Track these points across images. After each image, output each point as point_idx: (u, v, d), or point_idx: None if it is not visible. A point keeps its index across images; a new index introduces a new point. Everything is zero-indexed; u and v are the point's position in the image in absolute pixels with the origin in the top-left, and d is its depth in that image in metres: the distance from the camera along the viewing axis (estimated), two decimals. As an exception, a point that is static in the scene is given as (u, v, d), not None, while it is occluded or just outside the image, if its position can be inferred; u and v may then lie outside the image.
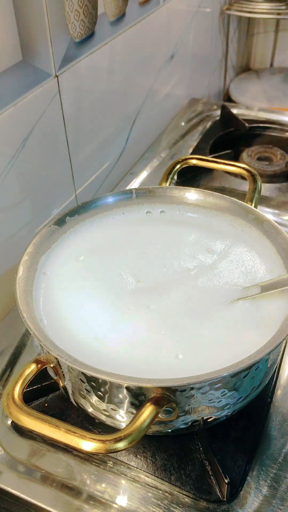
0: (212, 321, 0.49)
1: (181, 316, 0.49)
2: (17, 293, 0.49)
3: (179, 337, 0.48)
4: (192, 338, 0.48)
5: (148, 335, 0.48)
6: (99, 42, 0.74)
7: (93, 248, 0.57)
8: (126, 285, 0.53)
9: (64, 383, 0.47)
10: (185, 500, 0.48)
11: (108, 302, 0.51)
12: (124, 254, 0.57)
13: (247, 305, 0.50)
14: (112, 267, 0.55)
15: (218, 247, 0.57)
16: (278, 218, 0.82)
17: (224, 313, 0.50)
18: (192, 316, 0.49)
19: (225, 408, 0.47)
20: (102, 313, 0.50)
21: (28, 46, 0.61)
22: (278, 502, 0.47)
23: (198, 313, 0.50)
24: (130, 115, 0.92)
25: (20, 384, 0.42)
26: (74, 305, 0.51)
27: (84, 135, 0.78)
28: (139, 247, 0.58)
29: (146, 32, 0.88)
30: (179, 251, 0.57)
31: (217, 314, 0.50)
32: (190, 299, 0.51)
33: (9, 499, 0.50)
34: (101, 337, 0.48)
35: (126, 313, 0.50)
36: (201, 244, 0.58)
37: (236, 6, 1.30)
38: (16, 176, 0.64)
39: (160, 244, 0.58)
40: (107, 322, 0.49)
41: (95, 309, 0.50)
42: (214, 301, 0.51)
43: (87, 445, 0.37)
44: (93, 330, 0.48)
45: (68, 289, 0.52)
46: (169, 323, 0.49)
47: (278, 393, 0.57)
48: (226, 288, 0.52)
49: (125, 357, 0.46)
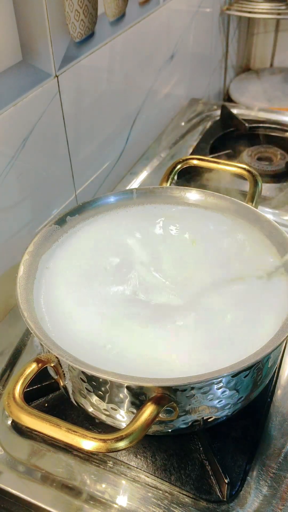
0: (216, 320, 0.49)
1: (182, 314, 0.49)
2: (18, 292, 0.49)
3: (180, 335, 0.48)
4: (192, 336, 0.48)
5: (150, 333, 0.48)
6: (99, 42, 0.74)
7: (94, 248, 0.57)
8: (127, 285, 0.53)
9: (65, 382, 0.47)
10: (185, 500, 0.48)
11: (109, 301, 0.51)
12: (124, 253, 0.57)
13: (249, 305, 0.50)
14: (113, 266, 0.55)
15: (218, 247, 0.57)
16: (278, 218, 0.82)
17: (227, 312, 0.50)
18: (193, 314, 0.49)
19: (226, 408, 0.47)
20: (103, 313, 0.50)
21: (28, 46, 0.61)
22: (278, 502, 0.47)
23: (199, 311, 0.50)
24: (130, 115, 0.92)
25: (20, 383, 0.42)
26: (74, 304, 0.51)
27: (84, 135, 0.78)
28: (139, 247, 0.58)
29: (146, 32, 0.88)
30: (179, 250, 0.57)
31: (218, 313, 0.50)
32: (189, 297, 0.51)
33: (9, 499, 0.50)
34: (102, 336, 0.48)
35: (127, 312, 0.50)
36: (201, 244, 0.58)
37: (236, 6, 1.30)
38: (16, 176, 0.64)
39: (161, 244, 0.58)
40: (108, 321, 0.49)
41: (96, 308, 0.50)
42: (215, 298, 0.51)
43: (88, 444, 0.37)
44: (93, 330, 0.48)
45: (69, 289, 0.52)
46: (170, 321, 0.49)
47: (278, 393, 0.57)
48: (227, 286, 0.52)
49: (127, 356, 0.46)
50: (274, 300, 0.50)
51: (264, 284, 0.52)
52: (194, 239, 0.58)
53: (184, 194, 0.62)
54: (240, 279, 0.53)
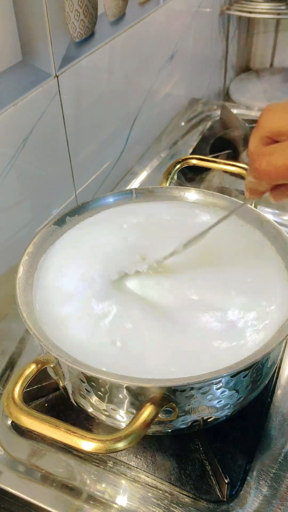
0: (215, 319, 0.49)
1: (180, 312, 0.49)
2: (17, 293, 0.49)
3: (179, 334, 0.48)
4: (193, 335, 0.48)
5: (149, 333, 0.48)
6: (99, 42, 0.74)
7: (94, 248, 0.57)
8: (127, 285, 0.53)
9: (64, 383, 0.47)
10: (185, 500, 0.48)
11: (109, 301, 0.51)
12: (125, 253, 0.57)
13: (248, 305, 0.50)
14: (113, 267, 0.55)
15: (218, 247, 0.57)
16: (278, 218, 0.82)
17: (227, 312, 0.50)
18: (192, 312, 0.49)
19: (225, 408, 0.47)
20: (103, 313, 0.50)
21: (28, 46, 0.61)
22: (278, 502, 0.47)
23: (199, 310, 0.50)
24: (130, 115, 0.92)
25: (20, 384, 0.42)
26: (74, 304, 0.51)
27: (84, 135, 0.78)
28: (139, 247, 0.57)
29: (146, 32, 0.88)
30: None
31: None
32: (190, 296, 0.51)
33: (9, 499, 0.50)
34: (102, 336, 0.48)
35: (127, 312, 0.50)
36: (201, 244, 0.58)
37: (236, 6, 1.30)
38: (16, 176, 0.64)
39: (162, 244, 0.58)
40: (107, 321, 0.49)
41: (96, 308, 0.50)
42: (213, 296, 0.51)
43: (87, 445, 0.37)
44: (93, 330, 0.48)
45: (68, 289, 0.52)
46: (170, 321, 0.49)
47: (278, 393, 0.57)
48: (227, 285, 0.52)
49: (126, 356, 0.46)
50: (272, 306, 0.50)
51: (264, 284, 0.52)
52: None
53: (183, 194, 0.62)
54: (240, 279, 0.53)
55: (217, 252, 0.57)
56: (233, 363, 0.41)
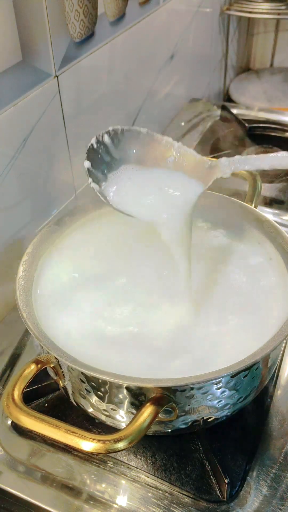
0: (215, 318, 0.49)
1: (181, 312, 0.50)
2: (17, 293, 0.49)
3: (179, 334, 0.48)
4: (193, 335, 0.48)
5: (150, 333, 0.48)
6: (99, 42, 0.74)
7: (93, 248, 0.57)
8: (127, 285, 0.53)
9: (64, 383, 0.47)
10: (185, 500, 0.48)
11: (108, 302, 0.51)
12: (125, 254, 0.57)
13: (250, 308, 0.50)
14: (113, 267, 0.55)
15: (218, 247, 0.57)
16: (278, 218, 0.82)
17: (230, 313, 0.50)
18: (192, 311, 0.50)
19: (225, 408, 0.47)
20: (102, 313, 0.50)
21: (28, 46, 0.61)
22: (278, 502, 0.47)
23: (199, 311, 0.50)
24: (130, 115, 0.92)
25: (20, 384, 0.42)
26: (74, 305, 0.51)
27: (84, 135, 0.77)
28: (139, 247, 0.58)
29: (146, 32, 0.88)
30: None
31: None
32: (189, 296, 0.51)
33: (9, 499, 0.50)
34: (101, 336, 0.48)
35: (126, 312, 0.50)
36: (201, 244, 0.58)
37: (236, 6, 1.30)
38: (16, 176, 0.64)
39: (162, 244, 0.58)
40: (107, 321, 0.49)
41: (95, 309, 0.50)
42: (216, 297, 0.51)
43: (87, 445, 0.38)
44: (93, 330, 0.48)
45: (68, 289, 0.52)
46: (170, 320, 0.49)
47: (278, 393, 0.57)
48: (227, 284, 0.52)
49: (126, 356, 0.46)
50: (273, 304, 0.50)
51: (263, 283, 0.52)
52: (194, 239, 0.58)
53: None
54: (238, 279, 0.53)
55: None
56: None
